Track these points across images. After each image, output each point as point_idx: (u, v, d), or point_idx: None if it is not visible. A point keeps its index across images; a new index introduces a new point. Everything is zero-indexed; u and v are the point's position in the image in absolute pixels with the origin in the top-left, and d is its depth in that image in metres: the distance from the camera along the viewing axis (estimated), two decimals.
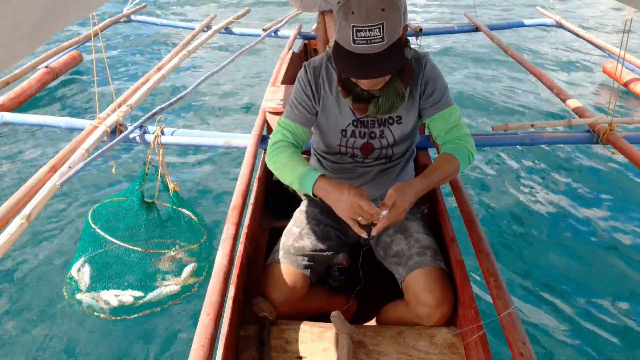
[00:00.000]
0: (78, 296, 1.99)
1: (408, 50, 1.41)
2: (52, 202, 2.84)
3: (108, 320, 2.01)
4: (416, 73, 1.45)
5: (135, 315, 1.97)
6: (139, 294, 2.02)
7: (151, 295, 2.03)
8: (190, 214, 2.22)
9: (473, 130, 3.95)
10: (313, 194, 1.33)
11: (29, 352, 1.98)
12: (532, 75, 3.17)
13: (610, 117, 2.23)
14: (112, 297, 1.99)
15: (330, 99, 1.47)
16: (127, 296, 2.00)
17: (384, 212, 1.25)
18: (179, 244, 2.18)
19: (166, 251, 2.14)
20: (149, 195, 2.19)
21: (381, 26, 1.21)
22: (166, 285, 2.06)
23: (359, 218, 1.27)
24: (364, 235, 1.28)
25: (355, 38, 1.22)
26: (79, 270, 2.06)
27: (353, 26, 1.21)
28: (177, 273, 2.13)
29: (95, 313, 1.97)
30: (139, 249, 2.02)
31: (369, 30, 1.21)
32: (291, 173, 1.37)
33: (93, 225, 1.99)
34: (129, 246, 2.00)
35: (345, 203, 1.26)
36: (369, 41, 1.22)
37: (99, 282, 2.03)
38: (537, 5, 5.19)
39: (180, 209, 2.18)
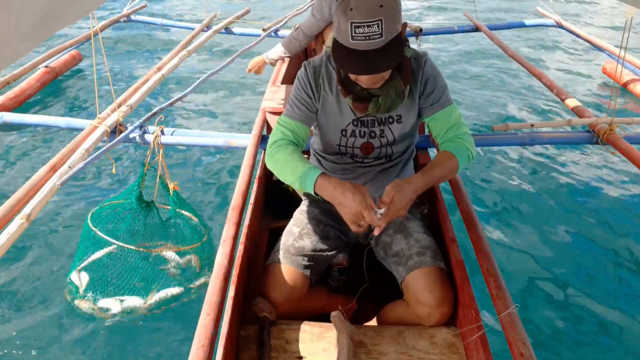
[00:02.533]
0: (78, 299, 1.99)
1: (407, 49, 1.40)
2: (52, 202, 2.83)
3: (109, 322, 2.01)
4: (416, 72, 1.45)
5: (136, 317, 1.97)
6: (139, 296, 2.02)
7: (152, 297, 2.02)
8: (191, 214, 2.21)
9: (473, 130, 3.95)
10: (315, 193, 1.33)
11: (29, 354, 1.97)
12: (532, 75, 3.17)
13: (610, 117, 2.23)
14: (113, 299, 1.99)
15: (330, 98, 1.47)
16: (128, 298, 2.00)
17: (381, 211, 1.24)
18: (179, 244, 2.18)
19: (166, 250, 2.14)
20: (149, 195, 2.18)
21: (380, 22, 1.20)
22: (167, 287, 2.06)
23: (361, 222, 1.26)
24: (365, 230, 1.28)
25: (354, 34, 1.22)
26: (79, 273, 2.06)
27: (351, 22, 1.21)
28: (178, 274, 2.13)
29: (96, 315, 1.97)
30: (141, 249, 2.02)
31: (368, 26, 1.20)
32: (291, 172, 1.37)
33: (93, 228, 1.99)
34: (130, 246, 2.00)
35: (349, 209, 1.25)
36: (367, 37, 1.21)
37: (99, 285, 2.03)
38: (537, 6, 5.19)
39: (181, 210, 2.18)
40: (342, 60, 1.28)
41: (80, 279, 2.03)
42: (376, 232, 1.28)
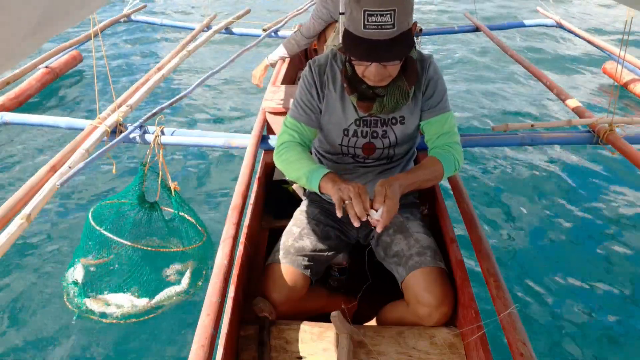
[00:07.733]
0: (77, 299, 1.98)
1: (414, 50, 1.41)
2: (52, 202, 2.84)
3: (108, 321, 2.01)
4: (420, 74, 1.45)
5: (135, 319, 1.97)
6: (138, 295, 2.01)
7: (152, 297, 2.02)
8: (189, 216, 2.21)
9: (473, 130, 3.95)
10: (319, 186, 1.33)
11: (29, 354, 1.97)
12: (532, 75, 3.17)
13: (610, 117, 2.23)
14: (112, 299, 1.98)
15: (334, 97, 1.47)
16: (127, 298, 2.00)
17: (376, 215, 1.23)
18: (180, 245, 2.17)
19: (167, 250, 2.13)
20: (149, 195, 2.18)
21: (393, 12, 1.21)
22: (166, 286, 2.05)
23: (347, 201, 1.24)
24: (356, 222, 1.23)
25: (366, 23, 1.22)
26: (78, 272, 2.05)
27: (365, 10, 1.21)
28: (178, 274, 2.12)
29: (94, 316, 1.97)
30: (142, 248, 2.02)
31: (381, 15, 1.21)
32: (300, 169, 1.39)
33: (97, 227, 1.98)
34: (131, 244, 1.99)
35: (344, 185, 1.26)
36: (379, 27, 1.22)
37: (97, 284, 2.02)
38: (538, 6, 5.19)
39: (181, 213, 2.17)
40: (352, 48, 1.28)
41: (78, 278, 2.03)
42: (378, 229, 1.25)
